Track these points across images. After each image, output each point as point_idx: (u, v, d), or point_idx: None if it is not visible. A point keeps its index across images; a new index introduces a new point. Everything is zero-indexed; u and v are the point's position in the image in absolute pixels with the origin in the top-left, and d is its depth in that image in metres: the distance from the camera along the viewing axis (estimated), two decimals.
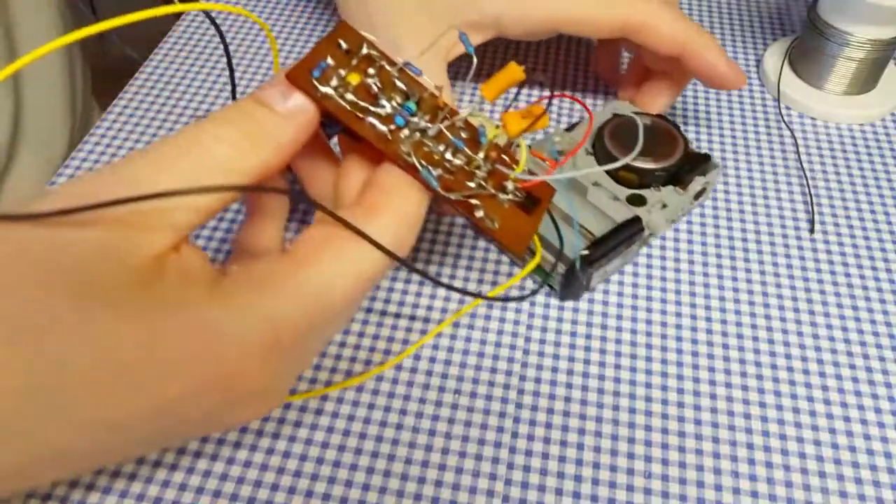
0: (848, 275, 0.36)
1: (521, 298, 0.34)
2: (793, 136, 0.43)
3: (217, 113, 0.23)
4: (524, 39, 0.43)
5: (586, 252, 0.33)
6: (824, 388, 0.32)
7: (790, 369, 0.33)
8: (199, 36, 0.48)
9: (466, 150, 0.26)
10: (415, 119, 0.25)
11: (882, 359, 0.33)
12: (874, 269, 0.37)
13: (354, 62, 0.25)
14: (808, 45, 0.45)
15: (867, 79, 0.44)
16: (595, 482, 0.29)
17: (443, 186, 0.25)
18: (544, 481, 0.29)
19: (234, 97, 0.28)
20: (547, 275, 0.34)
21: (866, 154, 0.43)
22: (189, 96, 0.44)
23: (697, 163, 0.37)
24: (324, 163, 0.28)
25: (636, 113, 0.39)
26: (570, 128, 0.39)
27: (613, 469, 0.29)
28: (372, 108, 0.24)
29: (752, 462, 0.30)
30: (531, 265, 0.31)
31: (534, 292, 0.34)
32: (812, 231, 0.38)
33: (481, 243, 0.37)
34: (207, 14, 0.27)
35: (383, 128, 0.24)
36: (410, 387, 0.31)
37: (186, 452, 0.29)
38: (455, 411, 0.31)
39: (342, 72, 0.24)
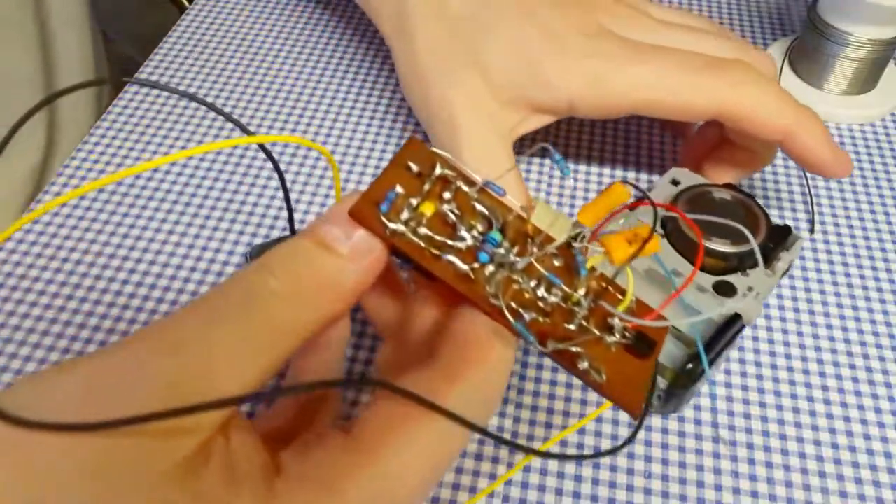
0: (848, 275, 0.36)
1: (613, 451, 0.22)
2: None
3: (273, 257, 0.20)
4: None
5: (691, 366, 0.29)
6: (824, 388, 0.32)
7: (790, 369, 0.33)
8: (200, 36, 0.48)
9: (563, 286, 0.22)
10: (500, 251, 0.21)
11: (882, 359, 0.33)
12: (874, 269, 0.37)
13: (427, 186, 0.22)
14: (808, 45, 0.45)
15: (867, 79, 0.44)
16: (595, 482, 0.29)
17: (537, 333, 0.21)
18: (544, 481, 0.29)
19: (291, 230, 0.25)
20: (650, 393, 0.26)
21: (866, 154, 0.43)
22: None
23: (780, 237, 0.33)
24: (390, 292, 0.25)
25: (707, 185, 0.34)
26: (631, 206, 0.35)
27: (613, 469, 0.29)
28: (450, 243, 0.21)
29: (751, 462, 0.30)
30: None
31: (629, 440, 0.23)
32: (812, 231, 0.38)
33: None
34: (263, 147, 0.24)
35: (464, 266, 0.21)
36: None
37: None
38: None
39: (414, 201, 0.21)
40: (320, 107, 0.44)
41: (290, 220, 0.25)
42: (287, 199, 0.25)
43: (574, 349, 0.21)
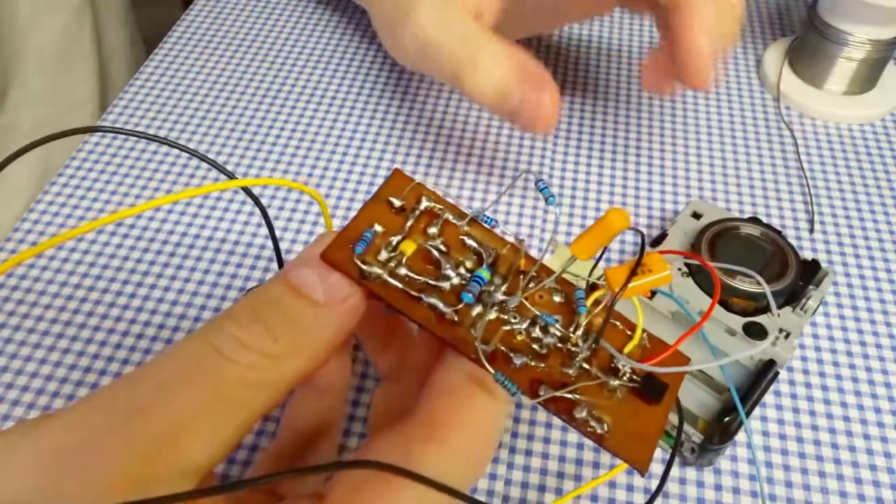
0: (848, 275, 0.36)
1: None
2: (793, 136, 0.43)
3: (242, 305, 0.18)
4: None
5: (728, 419, 0.28)
6: (824, 388, 0.32)
7: (790, 369, 0.33)
8: (200, 35, 0.48)
9: (559, 327, 0.20)
10: (490, 288, 0.20)
11: (882, 359, 0.33)
12: (874, 269, 0.37)
13: (410, 222, 0.20)
14: (808, 45, 0.45)
15: (867, 79, 0.44)
16: None
17: (529, 380, 0.19)
18: (544, 481, 0.29)
19: (279, 264, 0.24)
20: (676, 444, 0.24)
21: (866, 154, 0.43)
22: (189, 96, 0.44)
23: (808, 273, 0.32)
24: (389, 333, 0.23)
25: (733, 220, 0.33)
26: (655, 241, 0.34)
27: (613, 469, 0.29)
28: (433, 283, 0.20)
29: (751, 462, 0.30)
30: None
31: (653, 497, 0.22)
32: (812, 231, 0.38)
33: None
34: (247, 190, 0.23)
35: (447, 309, 0.19)
36: None
37: None
38: None
39: (394, 239, 0.20)
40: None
41: (279, 262, 0.23)
42: (274, 240, 0.23)
43: (570, 396, 0.19)
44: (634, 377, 0.20)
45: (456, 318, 0.19)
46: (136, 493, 0.16)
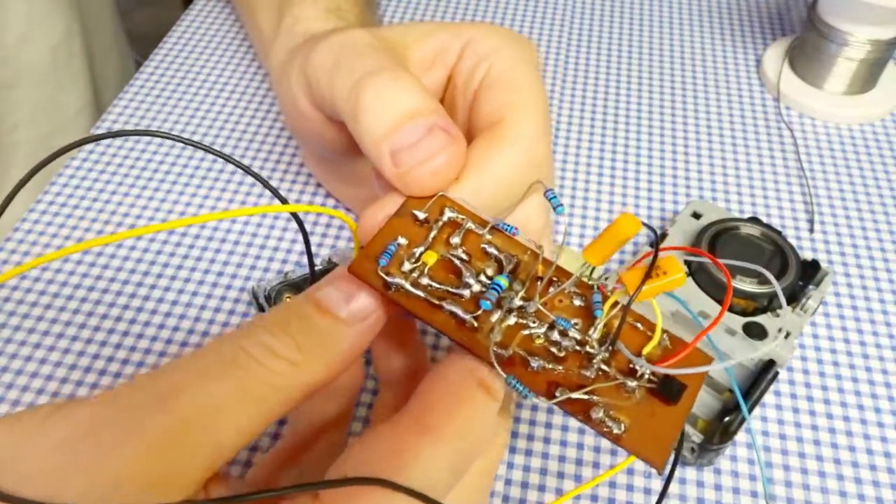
0: (848, 275, 0.36)
1: None
2: (793, 136, 0.43)
3: (274, 316, 0.20)
4: None
5: (729, 418, 0.28)
6: (824, 388, 0.32)
7: (790, 369, 0.33)
8: (201, 35, 0.48)
9: (577, 330, 0.20)
10: (509, 295, 0.20)
11: (882, 359, 0.33)
12: (874, 268, 0.37)
13: (433, 234, 0.21)
14: (808, 45, 0.45)
15: (867, 79, 0.44)
16: None
17: (547, 382, 0.19)
18: (544, 481, 0.29)
19: (312, 279, 0.24)
20: (679, 445, 0.24)
21: (866, 154, 0.43)
22: (190, 96, 0.44)
23: (808, 273, 0.32)
24: (398, 341, 0.24)
25: (732, 219, 0.33)
26: (654, 242, 0.34)
27: (613, 468, 0.29)
28: (453, 291, 0.20)
29: (751, 462, 0.30)
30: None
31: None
32: (812, 231, 0.38)
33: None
34: (295, 216, 0.23)
35: (466, 316, 0.20)
36: None
37: None
38: None
39: (417, 251, 0.21)
40: None
41: (312, 277, 0.24)
42: (310, 258, 0.24)
43: (587, 397, 0.19)
44: (653, 377, 0.20)
45: (476, 324, 0.20)
46: (154, 484, 0.17)
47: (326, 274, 0.21)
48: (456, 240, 0.21)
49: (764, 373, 0.29)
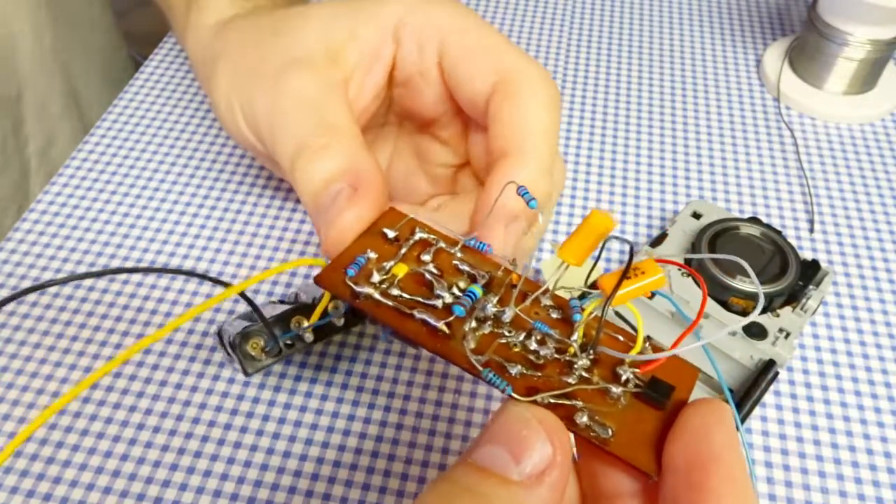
0: (848, 275, 0.36)
1: None
2: (793, 136, 0.43)
3: (433, 498, 0.17)
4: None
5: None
6: (824, 388, 0.32)
7: (790, 369, 0.33)
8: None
9: (555, 335, 0.20)
10: (484, 301, 0.20)
11: (882, 359, 0.33)
12: (874, 268, 0.37)
13: (404, 251, 0.21)
14: (808, 45, 0.45)
15: (867, 79, 0.44)
16: None
17: (526, 387, 0.19)
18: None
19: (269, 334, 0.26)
20: None
21: (866, 154, 0.43)
22: (190, 96, 0.44)
23: (808, 273, 0.32)
24: None
25: (733, 219, 0.34)
26: (655, 241, 0.34)
27: None
28: (425, 302, 0.20)
29: (751, 462, 0.30)
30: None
31: None
32: (812, 231, 0.38)
33: None
34: (244, 295, 0.23)
35: (438, 323, 0.20)
36: (410, 387, 0.31)
37: (186, 452, 0.29)
38: (455, 411, 0.31)
39: (387, 264, 0.21)
40: None
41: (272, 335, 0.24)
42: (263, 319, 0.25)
43: (570, 402, 0.18)
44: (639, 382, 0.19)
45: (447, 331, 0.20)
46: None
47: (293, 311, 0.21)
48: (427, 257, 0.21)
49: (764, 373, 0.29)
